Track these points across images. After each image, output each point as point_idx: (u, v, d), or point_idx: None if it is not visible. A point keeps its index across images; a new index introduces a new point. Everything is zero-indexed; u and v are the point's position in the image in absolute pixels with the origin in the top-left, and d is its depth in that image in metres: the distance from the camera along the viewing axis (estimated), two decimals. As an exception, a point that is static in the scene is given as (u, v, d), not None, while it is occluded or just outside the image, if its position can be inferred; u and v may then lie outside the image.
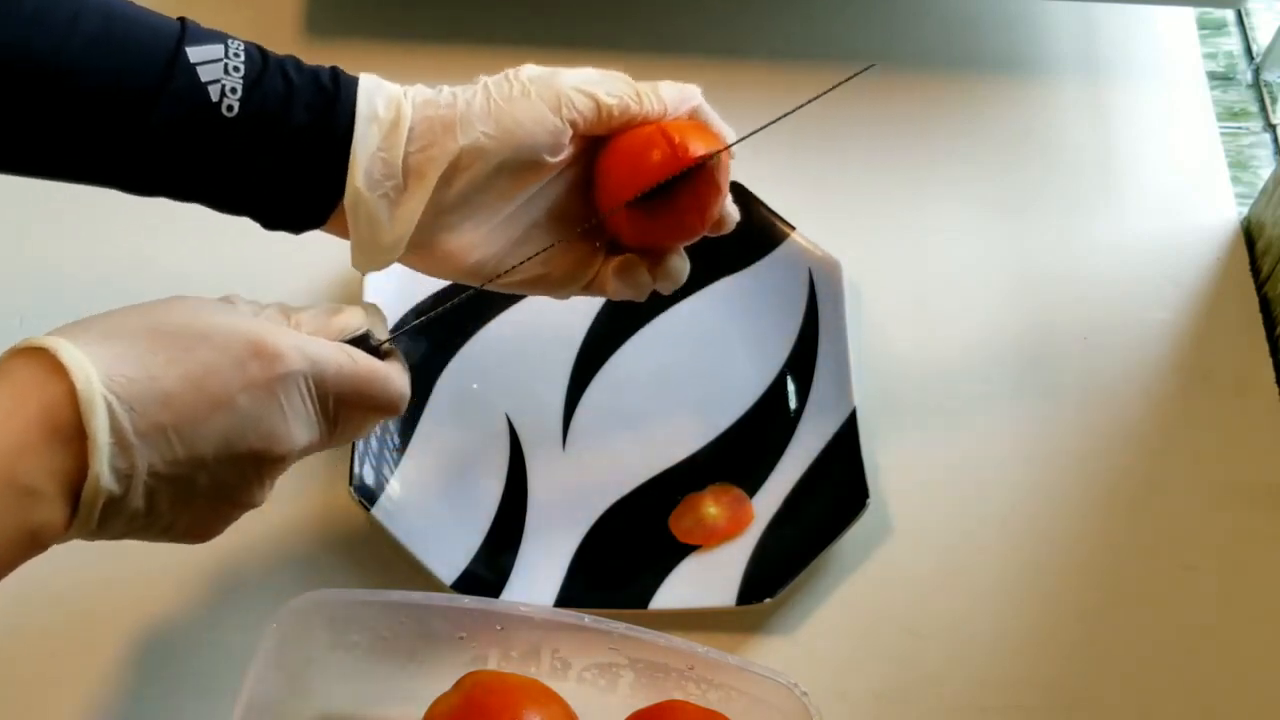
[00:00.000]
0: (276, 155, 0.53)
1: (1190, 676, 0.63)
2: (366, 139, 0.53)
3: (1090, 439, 0.69)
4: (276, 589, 0.63)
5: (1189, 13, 0.85)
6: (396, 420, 0.67)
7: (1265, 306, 0.73)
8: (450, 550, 0.63)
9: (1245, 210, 0.77)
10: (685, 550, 0.65)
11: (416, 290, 0.70)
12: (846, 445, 0.65)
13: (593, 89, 0.55)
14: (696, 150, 0.55)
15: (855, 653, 0.63)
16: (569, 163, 0.56)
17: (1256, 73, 0.83)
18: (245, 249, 0.72)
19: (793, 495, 0.66)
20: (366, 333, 0.53)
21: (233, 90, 0.51)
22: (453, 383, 0.69)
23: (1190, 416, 0.70)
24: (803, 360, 0.69)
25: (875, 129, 0.80)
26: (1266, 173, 0.78)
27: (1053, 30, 0.84)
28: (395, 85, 0.55)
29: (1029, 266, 0.75)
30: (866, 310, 0.72)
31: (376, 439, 0.65)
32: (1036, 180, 0.78)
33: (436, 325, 0.69)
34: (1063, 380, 0.71)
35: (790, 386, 0.69)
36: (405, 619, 0.58)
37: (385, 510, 0.63)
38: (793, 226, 0.71)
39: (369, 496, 0.63)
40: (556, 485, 0.66)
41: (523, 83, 0.54)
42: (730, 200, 0.59)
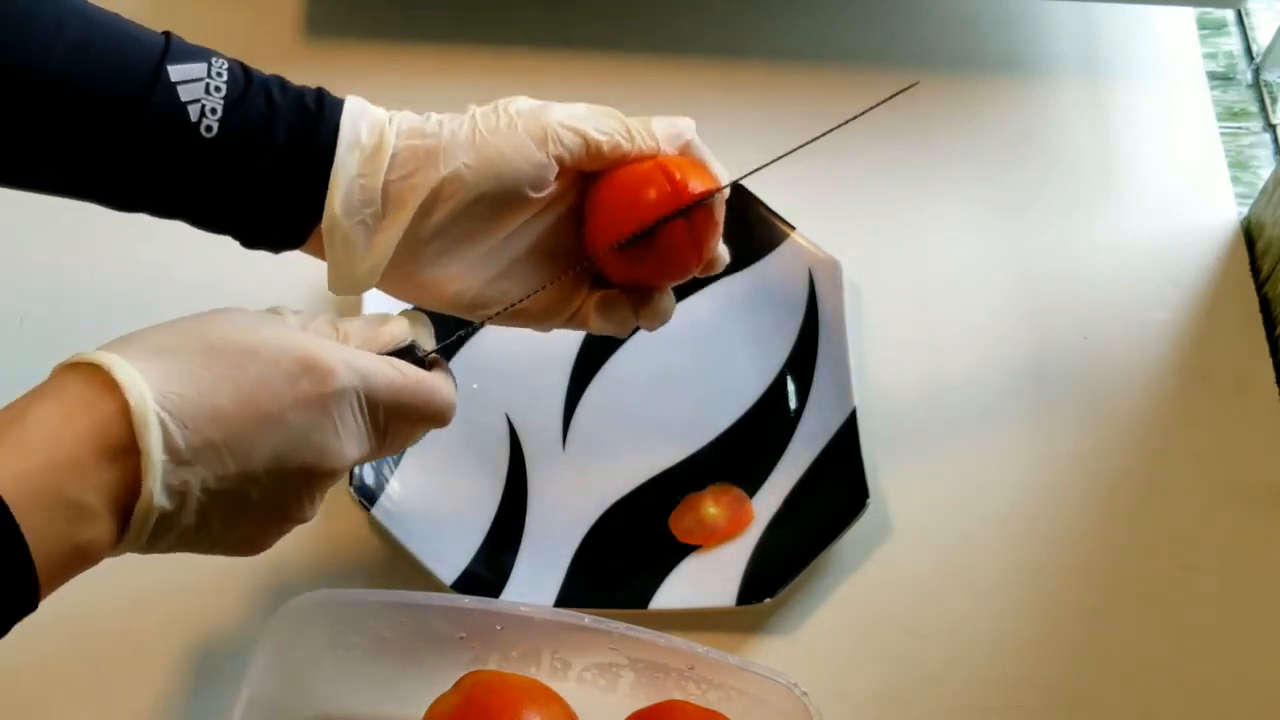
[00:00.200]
0: (256, 177, 0.52)
1: (1190, 676, 0.63)
2: (347, 164, 0.53)
3: (1090, 439, 0.69)
4: (276, 589, 0.63)
5: (1189, 13, 0.85)
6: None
7: (1265, 306, 0.73)
8: (450, 550, 0.63)
9: (1245, 210, 0.77)
10: (685, 550, 0.65)
11: (416, 290, 0.70)
12: (846, 445, 0.65)
13: (581, 125, 0.54)
14: (695, 188, 0.55)
15: (855, 653, 0.63)
16: (555, 197, 0.55)
17: (1256, 73, 0.83)
18: (246, 249, 0.72)
19: (793, 495, 0.66)
20: (412, 343, 0.53)
21: (212, 111, 0.51)
22: (453, 383, 0.69)
23: (1190, 416, 0.70)
24: (803, 360, 0.69)
25: (875, 129, 0.79)
26: (1266, 173, 0.78)
27: (1053, 30, 0.84)
28: (381, 110, 0.54)
29: (1029, 266, 0.75)
30: (866, 310, 0.72)
31: (376, 439, 0.65)
32: (1036, 180, 0.78)
33: (436, 325, 0.69)
34: (1062, 380, 0.71)
35: (790, 386, 0.69)
36: (405, 619, 0.58)
37: (385, 510, 0.63)
38: (793, 226, 0.71)
39: (369, 496, 0.63)
40: (556, 485, 0.67)
41: (510, 115, 0.54)
42: (721, 241, 0.58)
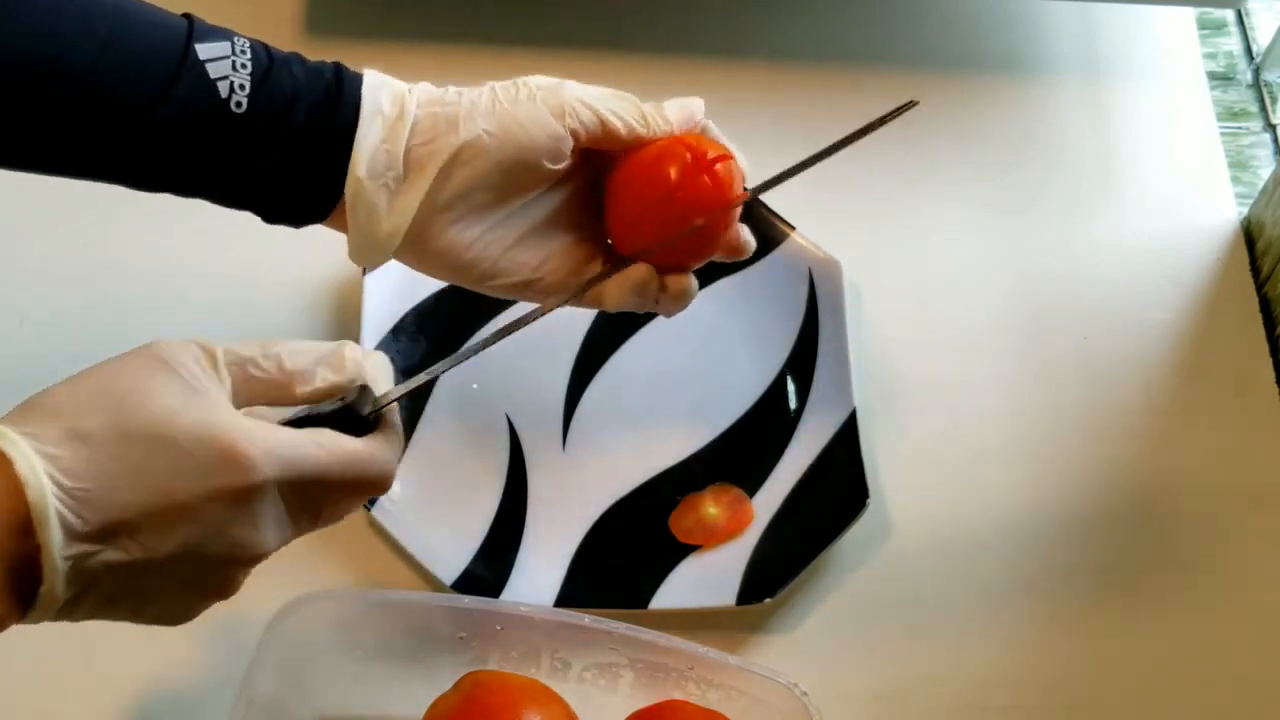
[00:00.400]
0: (282, 151, 0.53)
1: (1190, 676, 0.63)
2: (371, 131, 0.54)
3: (1090, 439, 0.69)
4: (276, 589, 0.63)
5: (1189, 13, 0.85)
6: (396, 420, 0.67)
7: (1265, 306, 0.73)
8: (450, 550, 0.63)
9: (1245, 210, 0.77)
10: (685, 550, 0.65)
11: (416, 290, 0.70)
12: (846, 445, 0.65)
13: (597, 104, 0.55)
14: (713, 155, 0.55)
15: (855, 653, 0.63)
16: (568, 174, 0.56)
17: (1256, 73, 0.83)
18: (246, 249, 0.72)
19: (793, 495, 0.66)
20: (364, 388, 0.49)
21: (241, 87, 0.52)
22: (453, 383, 0.69)
23: (1190, 417, 0.70)
24: (803, 360, 0.69)
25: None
26: (1266, 173, 0.78)
27: (1053, 30, 0.84)
28: (400, 82, 0.55)
29: (1029, 266, 0.75)
30: (866, 310, 0.72)
31: (376, 439, 0.65)
32: (1036, 180, 0.78)
33: (436, 325, 0.70)
34: (1063, 380, 0.71)
35: (790, 386, 0.69)
36: (405, 619, 0.58)
37: (385, 510, 0.63)
38: (793, 226, 0.71)
39: (369, 496, 0.63)
40: (556, 485, 0.66)
41: (530, 89, 0.55)
42: (744, 227, 0.59)
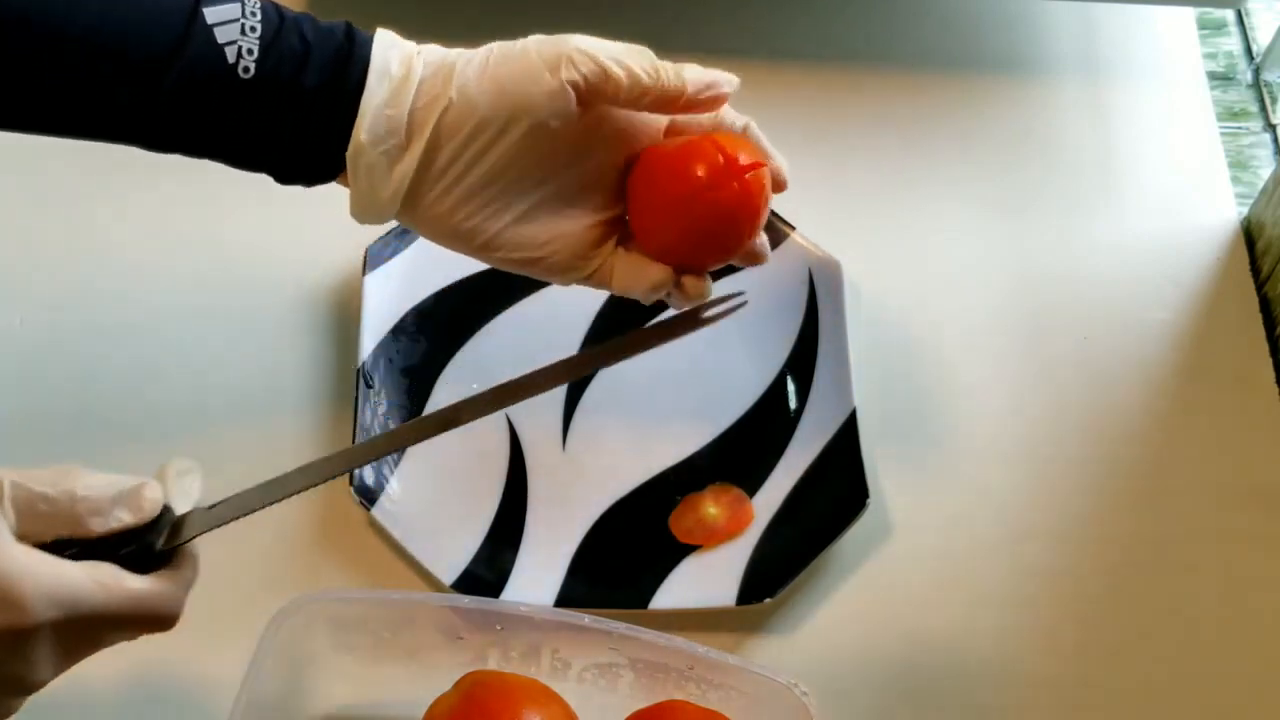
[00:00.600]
0: (292, 115, 0.53)
1: (1191, 676, 0.63)
2: (376, 94, 0.53)
3: (1090, 439, 0.69)
4: (276, 589, 0.63)
5: (1189, 13, 0.85)
6: (397, 420, 0.67)
7: (1265, 306, 0.73)
8: (450, 550, 0.63)
9: (1245, 210, 0.77)
10: (685, 550, 0.65)
11: (416, 290, 0.70)
12: (846, 445, 0.65)
13: (598, 53, 0.53)
14: (745, 161, 0.55)
15: (855, 653, 0.63)
16: (591, 147, 0.55)
17: (1256, 73, 0.83)
18: (246, 249, 0.73)
19: (793, 495, 0.66)
20: (162, 514, 0.47)
21: (249, 51, 0.52)
22: (453, 383, 0.69)
23: (1190, 417, 0.70)
24: (803, 360, 0.69)
25: (875, 129, 0.80)
26: (1266, 173, 0.78)
27: (1053, 30, 0.84)
28: (410, 43, 0.55)
29: (1029, 266, 0.75)
30: (866, 310, 0.72)
31: (376, 439, 0.65)
32: (1036, 180, 0.78)
33: (436, 325, 0.70)
34: (1063, 380, 0.71)
35: (790, 386, 0.69)
36: (405, 619, 0.58)
37: (385, 510, 0.63)
38: (793, 226, 0.71)
39: (369, 496, 0.63)
40: (557, 485, 0.66)
41: (525, 44, 0.54)
42: (763, 235, 0.59)
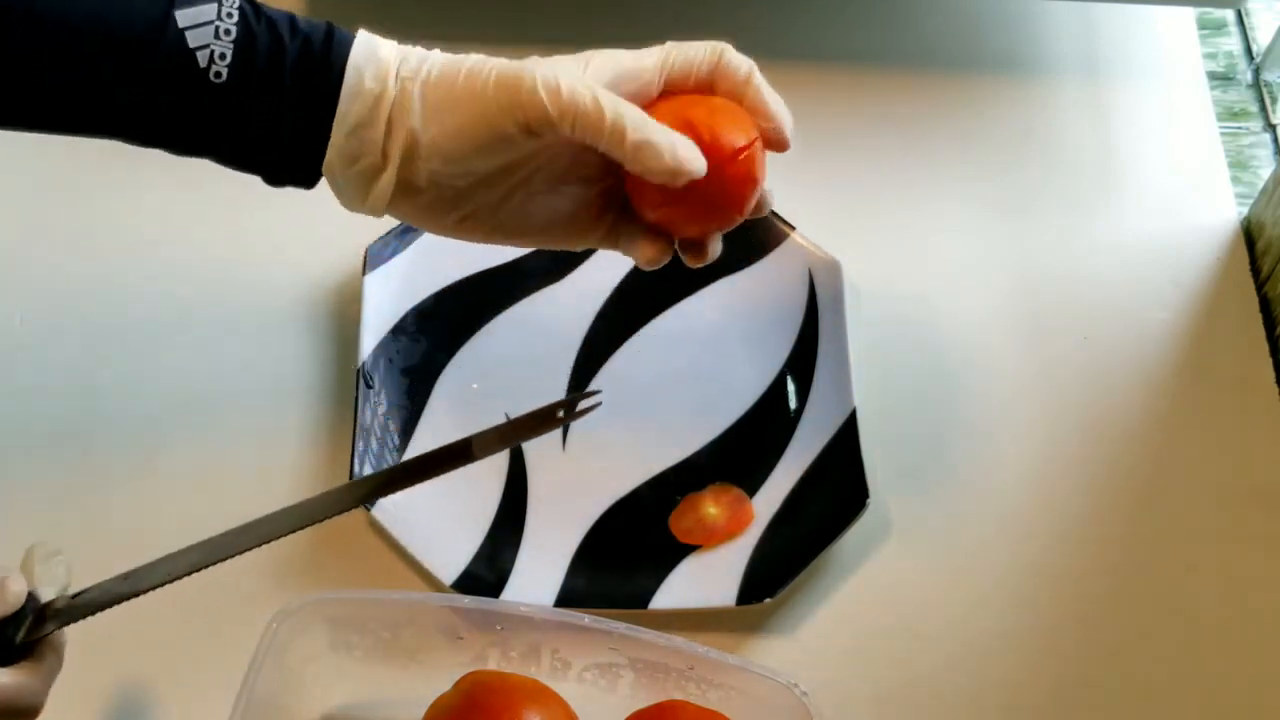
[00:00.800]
0: (268, 121, 0.52)
1: (1191, 676, 0.63)
2: (347, 117, 0.52)
3: (1090, 439, 0.69)
4: (276, 589, 0.63)
5: (1189, 13, 0.85)
6: (397, 420, 0.67)
7: (1265, 306, 0.73)
8: (450, 550, 0.63)
9: (1245, 210, 0.77)
10: (685, 550, 0.65)
11: (416, 290, 0.70)
12: (846, 445, 0.65)
13: (566, 97, 0.50)
14: (730, 142, 0.53)
15: (855, 653, 0.63)
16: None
17: (1256, 73, 0.83)
18: (246, 248, 0.73)
19: (793, 495, 0.66)
20: (27, 603, 0.46)
21: (221, 56, 0.50)
22: (453, 383, 0.69)
23: (1190, 417, 0.70)
24: (803, 360, 0.69)
25: (875, 129, 0.80)
26: (1266, 173, 0.78)
27: (1053, 30, 0.84)
28: (390, 50, 0.53)
29: (1029, 266, 0.75)
30: (866, 310, 0.72)
31: (376, 439, 0.65)
32: (1036, 180, 0.78)
33: (436, 325, 0.70)
34: (1063, 380, 0.71)
35: (790, 386, 0.69)
36: (405, 619, 0.58)
37: (385, 510, 0.63)
38: (793, 226, 0.71)
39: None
40: (556, 485, 0.66)
41: (488, 76, 0.51)
42: (767, 189, 0.57)
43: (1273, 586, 0.65)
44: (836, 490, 0.64)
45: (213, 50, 0.50)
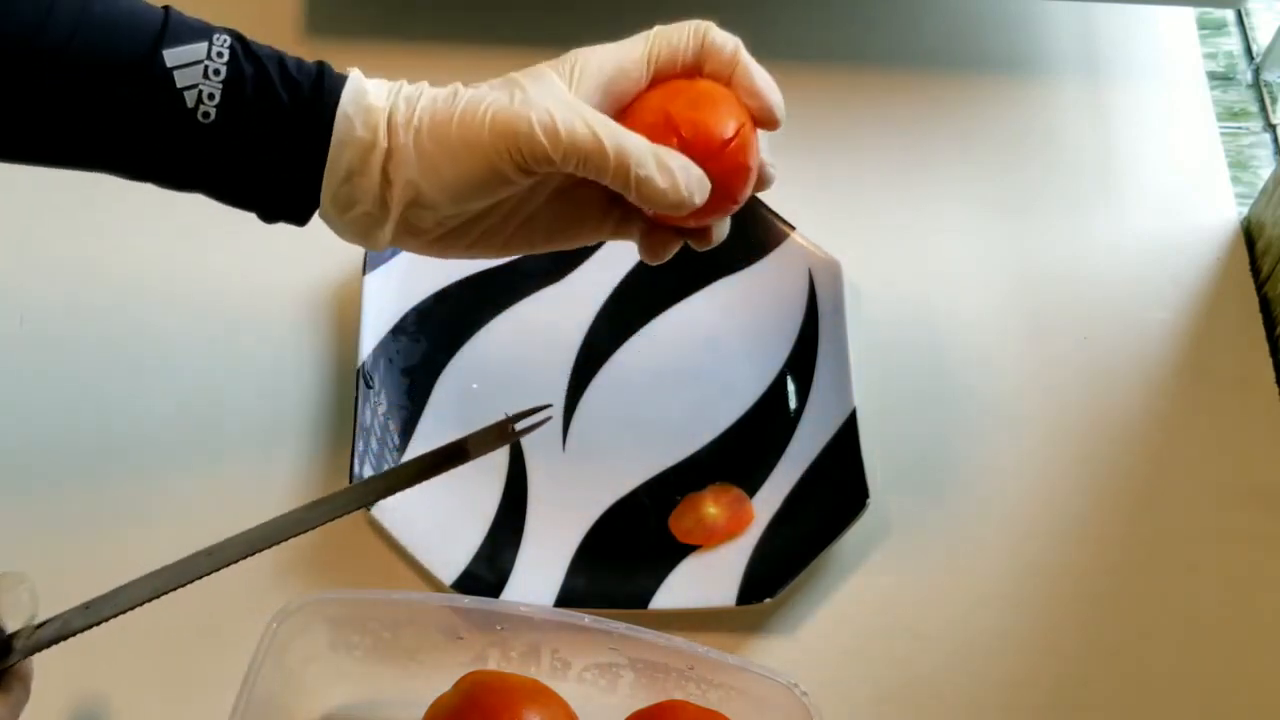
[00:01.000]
0: (258, 160, 0.52)
1: (1192, 676, 0.63)
2: (337, 166, 0.52)
3: (1090, 439, 0.69)
4: (276, 589, 0.63)
5: (1189, 13, 0.85)
6: (397, 420, 0.67)
7: (1265, 306, 0.73)
8: (450, 550, 0.63)
9: (1245, 210, 0.77)
10: (685, 550, 0.65)
11: (416, 290, 0.70)
12: (846, 445, 0.65)
13: (566, 139, 0.50)
14: (718, 134, 0.52)
15: (855, 653, 0.63)
16: None
17: (1256, 73, 0.83)
18: (246, 249, 0.72)
19: (793, 495, 0.66)
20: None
21: (210, 96, 0.50)
22: (453, 383, 0.69)
23: (1190, 417, 0.70)
24: (803, 360, 0.69)
25: (876, 129, 0.80)
26: (1266, 173, 0.78)
27: (1053, 30, 0.84)
28: (380, 94, 0.52)
29: (1029, 266, 0.75)
30: (866, 310, 0.72)
31: (376, 439, 0.65)
32: (1036, 180, 0.78)
33: (436, 325, 0.70)
34: (1063, 380, 0.71)
35: (790, 386, 0.69)
36: (405, 619, 0.58)
37: (385, 510, 0.63)
38: (793, 226, 0.71)
39: (369, 496, 0.63)
40: (556, 485, 0.66)
41: (484, 114, 0.50)
42: (766, 164, 0.56)
43: (1273, 586, 0.65)
44: (836, 490, 0.64)
45: (201, 90, 0.50)
